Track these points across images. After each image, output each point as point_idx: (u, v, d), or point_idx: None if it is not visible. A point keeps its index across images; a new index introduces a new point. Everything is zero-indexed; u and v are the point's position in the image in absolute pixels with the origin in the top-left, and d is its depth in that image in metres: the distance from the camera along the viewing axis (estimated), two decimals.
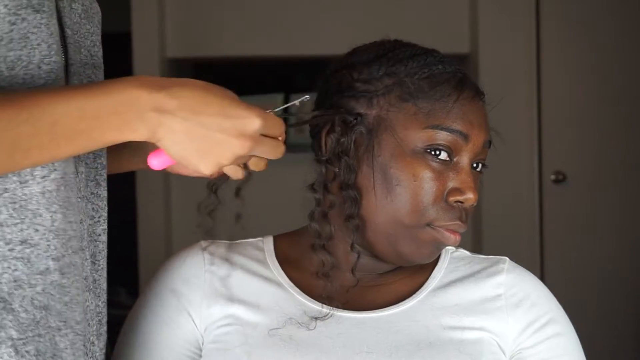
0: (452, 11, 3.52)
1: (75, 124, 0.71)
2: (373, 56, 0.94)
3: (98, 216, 0.87)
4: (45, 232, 0.76)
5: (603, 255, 3.45)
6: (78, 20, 0.86)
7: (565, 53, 3.44)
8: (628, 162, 3.46)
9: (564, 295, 1.08)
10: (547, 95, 3.46)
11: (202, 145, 0.75)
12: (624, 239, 3.45)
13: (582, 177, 3.47)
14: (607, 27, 3.43)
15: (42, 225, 0.76)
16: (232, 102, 0.76)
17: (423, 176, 0.89)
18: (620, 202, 3.46)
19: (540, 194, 3.47)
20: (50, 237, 0.76)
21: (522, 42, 3.43)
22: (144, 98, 0.72)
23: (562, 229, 3.46)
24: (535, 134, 3.45)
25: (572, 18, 3.44)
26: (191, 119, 0.74)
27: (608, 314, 3.42)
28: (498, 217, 3.41)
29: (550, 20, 3.44)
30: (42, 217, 0.76)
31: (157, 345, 0.92)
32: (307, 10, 3.49)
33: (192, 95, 0.74)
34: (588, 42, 3.44)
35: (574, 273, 3.43)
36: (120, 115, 0.72)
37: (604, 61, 3.44)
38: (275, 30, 3.44)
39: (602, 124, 3.45)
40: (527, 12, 3.43)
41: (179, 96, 0.73)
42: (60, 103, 0.71)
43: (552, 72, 3.45)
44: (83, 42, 0.87)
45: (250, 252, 1.00)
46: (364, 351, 0.90)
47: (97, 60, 0.90)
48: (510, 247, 3.35)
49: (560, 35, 3.44)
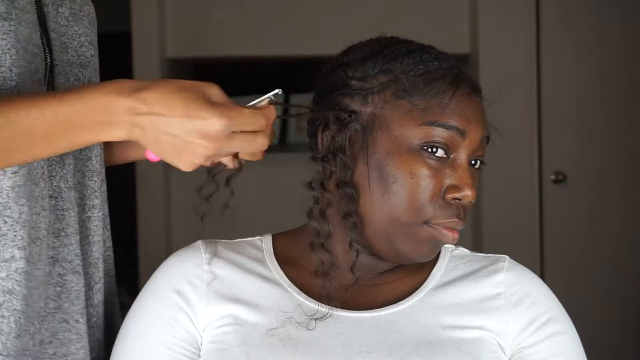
0: (452, 11, 3.52)
1: (51, 128, 0.76)
2: (368, 53, 0.94)
3: (84, 204, 0.94)
4: (13, 223, 0.82)
5: (603, 255, 3.44)
6: (65, 23, 0.92)
7: (565, 53, 3.44)
8: (628, 162, 3.46)
9: (564, 294, 1.08)
10: (547, 95, 3.45)
11: (172, 147, 0.77)
12: (624, 239, 3.45)
13: (582, 177, 3.46)
14: (607, 27, 3.43)
15: (10, 217, 0.82)
16: (196, 103, 0.76)
17: (419, 173, 0.89)
18: (620, 202, 3.45)
19: (540, 194, 3.47)
20: (17, 228, 0.82)
21: (522, 42, 3.43)
22: (116, 103, 0.75)
23: (562, 229, 3.46)
24: (535, 134, 3.45)
25: (572, 18, 3.44)
26: (158, 122, 0.76)
27: (608, 313, 3.42)
28: (498, 217, 3.41)
29: (550, 20, 3.44)
30: (11, 210, 0.82)
31: (155, 345, 0.92)
32: (307, 10, 3.49)
33: (160, 99, 0.76)
34: (588, 42, 3.44)
35: (574, 273, 3.43)
36: (94, 119, 0.76)
37: (604, 61, 3.44)
38: (275, 30, 3.44)
39: (602, 124, 3.45)
40: (527, 12, 3.43)
41: (147, 100, 0.75)
42: (35, 108, 0.75)
43: (552, 72, 3.45)
44: (70, 43, 0.93)
45: (249, 251, 1.00)
46: (363, 351, 0.89)
47: (85, 59, 0.95)
48: (510, 247, 3.34)
49: (560, 35, 3.44)
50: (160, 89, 0.76)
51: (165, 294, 0.95)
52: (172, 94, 0.76)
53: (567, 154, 3.46)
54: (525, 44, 3.43)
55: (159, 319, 0.93)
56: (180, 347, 0.92)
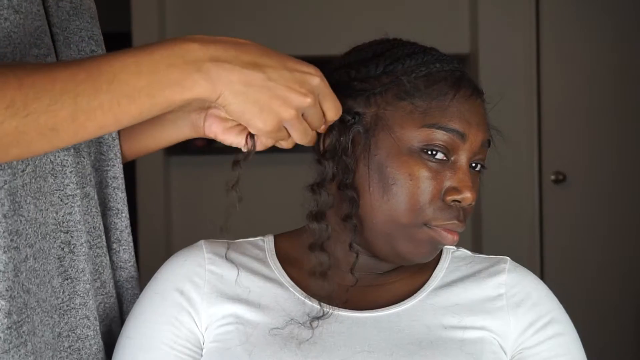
0: (452, 11, 3.53)
1: (134, 80, 0.71)
2: (371, 55, 0.94)
3: None
4: (25, 221, 0.79)
5: (603, 255, 3.45)
6: (66, 18, 0.89)
7: (565, 53, 3.45)
8: (628, 162, 3.46)
9: (564, 295, 1.08)
10: (547, 95, 3.46)
11: (262, 96, 0.74)
12: (624, 239, 3.45)
13: (582, 177, 3.47)
14: (607, 27, 3.43)
15: (22, 216, 0.79)
16: (291, 57, 0.76)
17: (419, 175, 0.89)
18: (620, 202, 3.46)
19: (540, 194, 3.47)
20: (27, 226, 0.79)
21: (522, 42, 3.43)
22: (198, 49, 0.72)
23: (562, 229, 3.46)
24: (535, 134, 3.45)
25: (572, 18, 3.45)
26: (251, 69, 0.73)
27: (608, 313, 3.43)
28: (498, 217, 3.41)
29: (550, 20, 3.44)
30: (23, 208, 0.79)
31: (158, 344, 0.92)
32: (307, 11, 3.49)
33: (250, 48, 0.74)
34: (588, 42, 3.44)
35: (573, 273, 3.44)
36: (177, 67, 0.72)
37: (604, 61, 3.44)
38: (276, 31, 3.45)
39: (602, 125, 3.46)
40: (527, 12, 3.43)
41: (236, 48, 0.73)
42: (117, 61, 0.71)
43: (551, 72, 3.45)
44: (72, 38, 0.90)
45: (251, 251, 1.00)
46: (365, 350, 0.90)
47: (85, 55, 0.92)
48: (510, 247, 3.35)
49: (560, 36, 3.45)
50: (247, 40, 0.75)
51: (167, 294, 0.95)
52: (262, 46, 0.75)
53: (567, 154, 3.47)
54: (525, 44, 3.43)
55: (162, 318, 0.94)
56: (183, 346, 0.93)
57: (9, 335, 0.76)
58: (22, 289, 0.78)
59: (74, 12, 0.91)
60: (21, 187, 0.79)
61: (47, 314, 0.83)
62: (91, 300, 0.90)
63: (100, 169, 0.95)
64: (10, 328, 0.76)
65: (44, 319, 0.82)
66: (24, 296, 0.78)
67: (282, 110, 0.76)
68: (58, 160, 0.86)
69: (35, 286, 0.81)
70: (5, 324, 0.76)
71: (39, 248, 0.82)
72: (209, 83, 0.73)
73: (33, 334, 0.80)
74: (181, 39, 0.73)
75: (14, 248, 0.77)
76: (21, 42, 0.78)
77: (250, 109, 0.75)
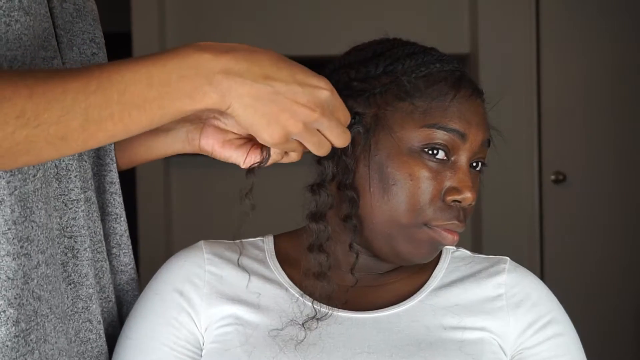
0: (452, 11, 3.53)
1: (145, 92, 0.71)
2: (371, 55, 0.94)
3: None
4: (36, 227, 0.78)
5: (603, 255, 3.45)
6: (70, 20, 0.88)
7: (565, 53, 3.45)
8: (628, 162, 3.46)
9: (563, 295, 1.08)
10: (547, 95, 3.46)
11: (270, 110, 0.74)
12: (624, 239, 3.45)
13: (582, 177, 3.47)
14: (607, 27, 3.43)
15: (34, 222, 0.78)
16: (302, 69, 0.76)
17: (419, 176, 0.89)
18: (619, 202, 3.46)
19: (540, 194, 3.47)
20: (39, 232, 0.79)
21: (522, 42, 3.43)
22: (210, 61, 0.72)
23: (562, 229, 3.46)
24: (535, 134, 3.45)
25: (572, 18, 3.45)
26: (261, 82, 0.73)
27: (608, 313, 3.43)
28: (498, 217, 3.41)
29: (550, 20, 3.44)
30: (35, 214, 0.78)
31: (158, 345, 0.92)
32: (307, 11, 3.49)
33: (262, 59, 0.74)
34: (588, 43, 3.44)
35: (574, 273, 3.44)
36: (189, 79, 0.72)
37: (604, 61, 3.44)
38: (276, 31, 3.45)
39: (602, 124, 3.46)
40: (527, 12, 3.43)
41: (248, 59, 0.73)
42: (128, 71, 0.71)
43: (552, 72, 3.45)
44: (74, 40, 0.90)
45: (251, 251, 1.00)
46: (364, 351, 0.90)
47: (86, 57, 0.91)
48: (510, 247, 3.35)
49: (560, 36, 3.45)
50: (260, 50, 0.75)
51: (167, 295, 0.95)
52: (276, 57, 0.75)
53: (567, 154, 3.47)
54: (525, 44, 3.43)
55: (162, 319, 0.93)
56: (183, 347, 0.93)
57: (16, 343, 0.75)
58: (32, 296, 0.77)
59: (77, 14, 0.90)
60: (32, 193, 0.78)
61: (60, 320, 0.83)
62: (94, 304, 0.90)
63: (98, 174, 0.95)
64: (18, 336, 0.76)
65: (57, 325, 0.82)
66: (34, 303, 0.78)
67: (290, 124, 0.76)
68: (63, 165, 0.86)
69: (47, 292, 0.80)
70: (12, 332, 0.75)
71: (50, 254, 0.81)
72: (219, 95, 0.73)
73: (44, 342, 0.79)
74: (193, 48, 0.73)
75: (24, 255, 0.76)
76: (31, 45, 0.78)
77: (259, 121, 0.75)
